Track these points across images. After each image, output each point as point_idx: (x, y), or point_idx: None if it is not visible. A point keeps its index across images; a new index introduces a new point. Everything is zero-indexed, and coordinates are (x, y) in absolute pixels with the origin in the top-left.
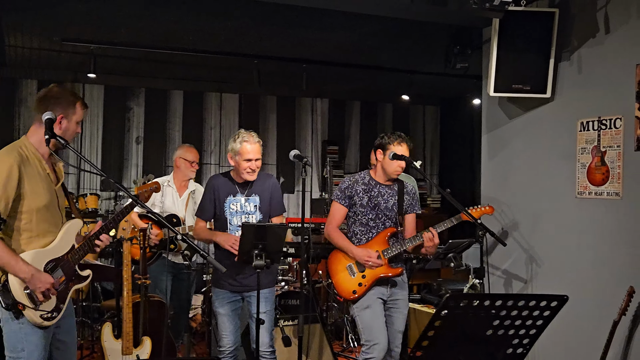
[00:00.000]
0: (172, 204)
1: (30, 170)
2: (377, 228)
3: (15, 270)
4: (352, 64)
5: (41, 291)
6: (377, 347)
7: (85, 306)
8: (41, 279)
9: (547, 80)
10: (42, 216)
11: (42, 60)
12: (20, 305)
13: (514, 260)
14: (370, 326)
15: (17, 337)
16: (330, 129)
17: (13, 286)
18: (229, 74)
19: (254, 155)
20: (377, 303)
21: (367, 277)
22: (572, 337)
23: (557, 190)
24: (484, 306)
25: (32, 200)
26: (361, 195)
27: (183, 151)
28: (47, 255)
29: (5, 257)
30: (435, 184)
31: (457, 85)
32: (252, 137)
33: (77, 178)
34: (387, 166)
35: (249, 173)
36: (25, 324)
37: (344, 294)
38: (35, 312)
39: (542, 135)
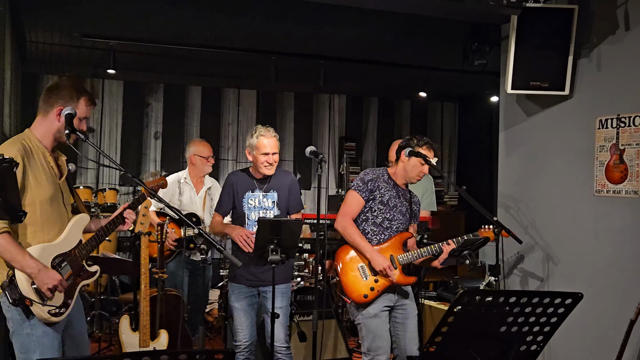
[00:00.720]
0: (189, 201)
1: (33, 162)
2: (391, 230)
3: (22, 266)
4: (369, 60)
5: (48, 288)
6: (381, 358)
7: (104, 299)
8: (48, 275)
9: (565, 77)
10: (47, 209)
11: (63, 56)
12: (28, 301)
13: (530, 258)
14: (375, 335)
15: (29, 340)
16: (347, 126)
17: (20, 281)
18: (246, 70)
19: (271, 150)
20: (384, 312)
21: (380, 282)
22: (588, 336)
23: (574, 188)
24: (497, 303)
25: (36, 192)
26: (383, 191)
27: (197, 147)
28: (54, 250)
29: (13, 252)
30: (451, 181)
31: (475, 82)
32: (268, 131)
33: (96, 173)
34: (410, 169)
35: (266, 167)
36: (36, 327)
37: (353, 296)
38: (43, 308)
39: (560, 133)
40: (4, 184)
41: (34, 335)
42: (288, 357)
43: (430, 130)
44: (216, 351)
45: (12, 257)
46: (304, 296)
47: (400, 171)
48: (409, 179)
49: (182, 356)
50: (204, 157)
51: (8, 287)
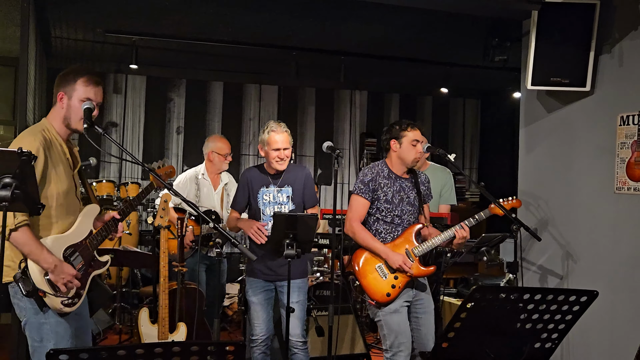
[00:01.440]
0: (207, 197)
1: (53, 154)
2: (402, 225)
3: (39, 259)
4: (389, 56)
5: (63, 282)
6: (402, 354)
7: (125, 292)
8: (64, 270)
9: (586, 73)
10: (62, 202)
11: (86, 51)
12: (41, 292)
13: (549, 255)
14: (397, 332)
15: (43, 330)
16: (368, 121)
17: (33, 272)
18: (268, 66)
19: (282, 145)
20: (404, 307)
21: (400, 278)
22: (606, 335)
23: (595, 185)
24: (510, 299)
25: (54, 185)
26: (385, 189)
27: (216, 144)
28: (66, 240)
29: (32, 246)
30: (468, 176)
31: (497, 79)
32: (280, 126)
33: (118, 167)
34: (405, 154)
35: (278, 162)
36: (49, 317)
37: (376, 297)
38: (56, 299)
39: (581, 129)
40: (23, 176)
41: (48, 324)
42: (304, 351)
43: (452, 127)
44: (227, 343)
45: (30, 251)
46: (323, 291)
47: (396, 160)
48: (408, 164)
49: (193, 348)
50: (222, 154)
51: (21, 279)
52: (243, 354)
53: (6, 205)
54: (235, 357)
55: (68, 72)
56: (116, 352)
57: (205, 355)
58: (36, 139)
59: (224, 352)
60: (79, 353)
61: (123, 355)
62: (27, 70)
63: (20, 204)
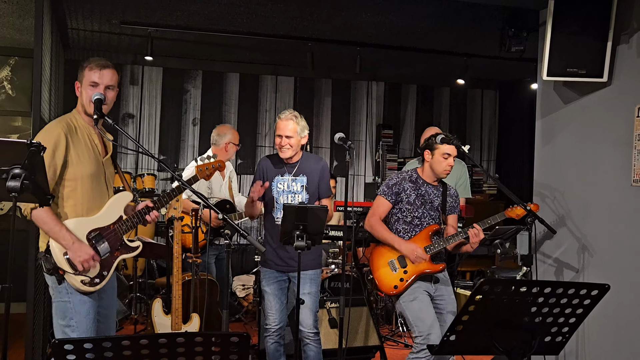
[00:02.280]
0: (219, 188)
1: (76, 139)
2: (421, 227)
3: (57, 237)
4: (406, 47)
5: (80, 261)
6: (432, 337)
7: (141, 283)
8: (82, 249)
9: (603, 63)
10: (88, 185)
11: (103, 42)
12: (61, 270)
13: (565, 248)
14: (421, 317)
15: (66, 308)
16: (385, 113)
17: (54, 251)
18: (283, 57)
19: (283, 132)
20: (423, 294)
21: (409, 272)
22: (622, 328)
23: (611, 177)
24: (519, 292)
25: (78, 167)
26: (409, 192)
27: (234, 136)
28: (90, 224)
29: (50, 223)
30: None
31: (515, 70)
32: (285, 114)
33: (135, 158)
34: (436, 165)
35: (281, 149)
36: (73, 294)
37: (385, 289)
38: (75, 277)
39: (598, 121)
40: (32, 167)
41: (71, 302)
42: (316, 342)
43: (470, 118)
44: (231, 334)
45: (49, 228)
46: (337, 283)
47: (428, 170)
48: (437, 175)
49: (197, 339)
50: (237, 144)
51: (44, 257)
52: (247, 345)
53: (15, 195)
54: (240, 348)
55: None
56: (120, 342)
57: (210, 346)
58: (58, 126)
59: (229, 343)
60: (83, 343)
61: (127, 345)
62: (41, 62)
63: (30, 194)
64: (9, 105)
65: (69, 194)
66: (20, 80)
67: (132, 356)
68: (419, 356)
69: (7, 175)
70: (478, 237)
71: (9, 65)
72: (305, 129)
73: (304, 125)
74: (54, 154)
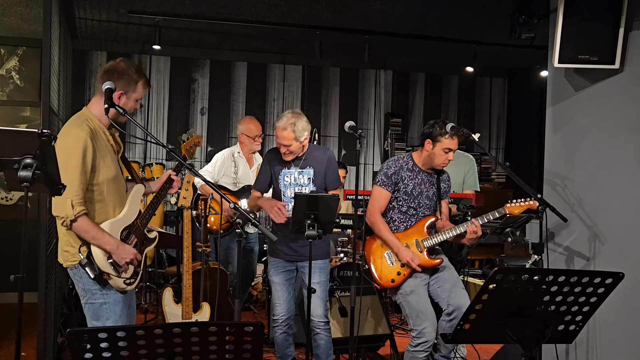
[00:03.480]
0: (244, 174)
1: (99, 143)
2: (417, 216)
3: (101, 243)
4: (415, 34)
5: (126, 262)
6: (427, 330)
7: (151, 272)
8: (125, 250)
9: (615, 50)
10: (112, 187)
11: (111, 32)
12: (106, 275)
13: (576, 237)
14: (418, 310)
15: (102, 309)
16: (393, 101)
17: (97, 257)
18: (291, 46)
19: (280, 141)
20: (420, 287)
21: (406, 266)
22: (635, 317)
23: (623, 165)
24: (533, 281)
25: (104, 172)
26: (406, 182)
27: (245, 126)
28: (121, 223)
29: (93, 231)
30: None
31: (524, 57)
32: (282, 120)
33: (143, 148)
34: (435, 157)
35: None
36: (108, 295)
37: (382, 281)
38: (119, 279)
39: (610, 108)
40: (44, 157)
41: (107, 304)
42: (327, 331)
43: (478, 106)
44: (246, 323)
45: (92, 236)
46: (346, 272)
47: (425, 158)
48: (434, 166)
49: (212, 328)
50: (251, 136)
51: (87, 264)
52: (262, 334)
53: (27, 185)
54: (254, 338)
55: (123, 71)
56: (134, 332)
57: (224, 335)
58: (83, 130)
59: (243, 333)
60: (97, 333)
61: (142, 335)
62: (50, 52)
63: (42, 184)
64: (17, 95)
65: (97, 198)
66: (28, 70)
67: (146, 346)
68: (417, 349)
69: (19, 165)
70: (476, 234)
71: (17, 55)
72: (305, 130)
73: (302, 127)
74: (83, 161)
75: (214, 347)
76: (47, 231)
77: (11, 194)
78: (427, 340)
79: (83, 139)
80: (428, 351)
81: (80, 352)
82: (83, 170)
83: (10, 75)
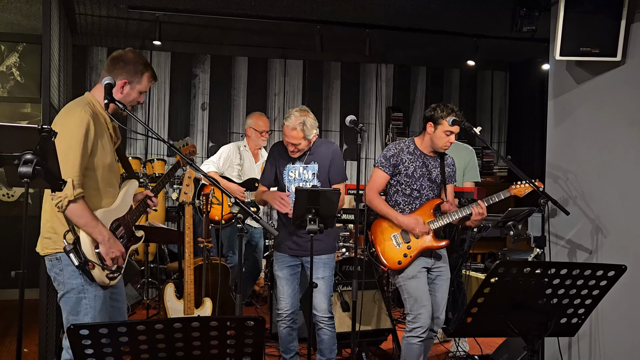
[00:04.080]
0: (249, 167)
1: (99, 126)
2: (421, 199)
3: (93, 231)
4: (416, 28)
5: (111, 257)
6: (422, 317)
7: (153, 268)
8: (115, 245)
9: (617, 42)
10: (105, 174)
11: (111, 27)
12: (91, 264)
13: (578, 230)
14: (416, 296)
15: (81, 303)
16: (394, 95)
17: (84, 244)
18: (292, 40)
19: (289, 140)
20: (422, 273)
21: (412, 247)
22: (637, 309)
23: (625, 158)
24: (535, 274)
25: (100, 157)
26: (407, 164)
27: (254, 121)
28: (112, 215)
29: (88, 217)
30: (496, 150)
31: (526, 50)
32: (291, 119)
33: (144, 144)
34: (437, 140)
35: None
36: (88, 291)
37: (389, 263)
38: (103, 272)
39: (611, 101)
40: (44, 152)
41: (86, 299)
42: (330, 326)
43: (480, 100)
44: (246, 318)
45: (86, 222)
46: (349, 267)
47: (427, 141)
48: (436, 149)
49: (212, 323)
50: (258, 131)
51: (73, 251)
52: (263, 329)
53: (28, 181)
54: (255, 332)
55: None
56: (135, 327)
57: (225, 330)
58: (86, 112)
59: (244, 328)
60: (98, 328)
61: (142, 330)
62: (50, 48)
63: (42, 180)
64: (18, 92)
65: (89, 184)
66: (29, 66)
67: (147, 341)
68: (412, 334)
69: (19, 160)
70: (482, 216)
71: (17, 51)
72: (314, 127)
73: (311, 125)
74: (85, 142)
75: (215, 342)
76: None
77: (12, 190)
78: (422, 326)
79: (86, 120)
80: (422, 338)
81: (81, 348)
82: (84, 152)
83: (10, 72)
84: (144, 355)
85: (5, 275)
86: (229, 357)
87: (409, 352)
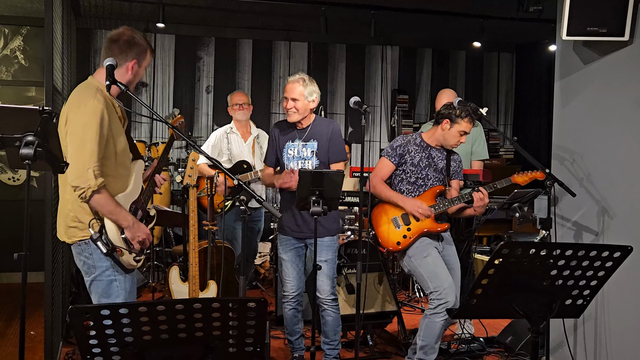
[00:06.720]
0: (238, 150)
1: (111, 113)
2: (425, 187)
3: (119, 218)
4: (421, 9)
5: (138, 240)
6: (448, 290)
7: (158, 251)
8: (140, 228)
9: (625, 22)
10: (120, 159)
11: (114, 10)
12: (119, 250)
13: (585, 211)
14: (436, 272)
15: (112, 285)
16: (400, 78)
17: (110, 231)
18: (297, 22)
19: (289, 94)
20: (434, 250)
21: (412, 230)
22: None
23: (632, 139)
24: (539, 255)
25: (114, 143)
26: (413, 154)
27: (231, 98)
28: (129, 198)
29: (111, 206)
30: (502, 132)
31: (532, 31)
32: (294, 76)
33: (149, 127)
34: (450, 137)
35: (287, 112)
36: (118, 274)
37: (387, 244)
38: (130, 255)
39: (619, 82)
40: (46, 134)
41: (117, 281)
42: (334, 308)
43: (486, 82)
44: (249, 299)
45: (110, 210)
46: (353, 249)
47: (438, 137)
48: (445, 145)
49: (214, 304)
50: (231, 105)
51: (99, 239)
52: (265, 310)
53: (29, 163)
54: (257, 314)
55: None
56: (137, 308)
57: (227, 312)
58: (99, 102)
59: (246, 309)
60: (100, 310)
61: (144, 312)
62: (52, 31)
63: (43, 162)
64: (22, 75)
65: (108, 172)
66: (33, 49)
67: (149, 322)
68: (437, 311)
69: (21, 142)
70: (483, 202)
71: (21, 35)
72: (314, 92)
73: (312, 89)
74: (101, 131)
75: (217, 324)
76: (53, 210)
77: (18, 173)
78: (448, 301)
79: (100, 109)
80: (447, 317)
81: (83, 330)
82: (101, 140)
83: (14, 55)
84: (146, 337)
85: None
86: (231, 339)
87: (429, 331)
